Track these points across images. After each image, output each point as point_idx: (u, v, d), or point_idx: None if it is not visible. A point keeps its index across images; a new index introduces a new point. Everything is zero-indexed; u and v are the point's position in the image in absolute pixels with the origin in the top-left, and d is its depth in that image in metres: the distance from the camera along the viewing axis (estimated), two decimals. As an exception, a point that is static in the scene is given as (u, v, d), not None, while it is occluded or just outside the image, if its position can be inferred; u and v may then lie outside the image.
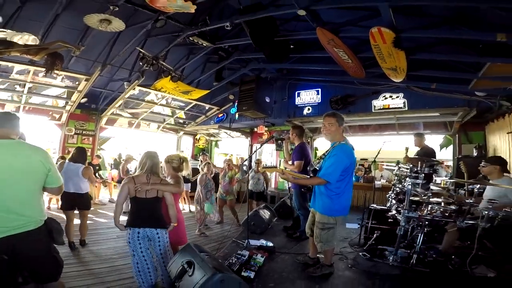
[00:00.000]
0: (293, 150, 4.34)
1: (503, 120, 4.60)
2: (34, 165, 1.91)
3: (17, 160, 1.83)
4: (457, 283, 2.66)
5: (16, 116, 1.96)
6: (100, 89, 6.87)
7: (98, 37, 4.59)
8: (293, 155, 4.17)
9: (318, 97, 6.43)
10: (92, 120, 7.89)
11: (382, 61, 3.61)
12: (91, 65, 5.54)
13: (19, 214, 1.80)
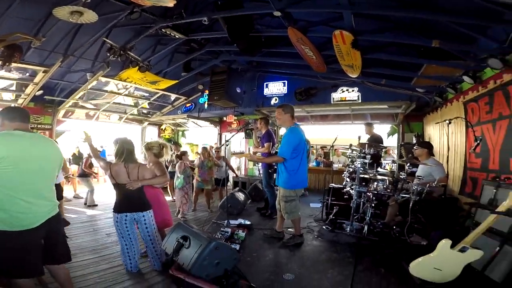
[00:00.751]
0: (260, 137, 4.85)
1: (436, 113, 5.51)
2: (56, 155, 2.10)
3: (46, 151, 2.00)
4: (398, 249, 3.17)
5: (28, 111, 2.08)
6: (57, 80, 6.39)
7: (55, 27, 4.29)
8: (262, 140, 4.69)
9: (284, 88, 6.88)
10: (48, 113, 7.38)
11: (341, 59, 4.10)
12: (47, 56, 5.15)
13: (49, 200, 1.98)
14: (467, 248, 2.20)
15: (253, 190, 6.15)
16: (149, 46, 5.61)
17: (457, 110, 4.47)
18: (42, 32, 4.24)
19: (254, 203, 5.73)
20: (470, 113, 4.14)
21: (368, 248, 3.27)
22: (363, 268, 2.76)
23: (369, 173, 3.90)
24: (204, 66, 6.45)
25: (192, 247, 2.52)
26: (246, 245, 3.42)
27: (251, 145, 8.67)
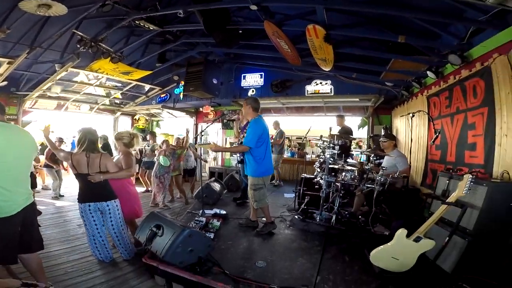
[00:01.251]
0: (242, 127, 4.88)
1: (403, 106, 5.82)
2: (32, 144, 2.16)
3: (24, 140, 2.05)
4: (363, 238, 3.34)
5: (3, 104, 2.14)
6: (23, 71, 6.15)
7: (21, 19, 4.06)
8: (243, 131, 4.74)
9: (261, 80, 6.94)
10: (13, 103, 7.07)
11: (315, 52, 4.20)
12: (12, 47, 4.89)
13: (26, 188, 2.05)
14: (421, 238, 2.33)
15: (230, 180, 6.19)
16: (122, 37, 5.41)
17: (421, 104, 4.75)
18: (7, 24, 4.01)
19: (230, 193, 5.79)
20: (432, 107, 4.40)
21: (335, 237, 3.45)
22: (330, 256, 2.91)
23: (338, 164, 4.05)
24: (180, 57, 6.33)
25: (166, 235, 2.57)
26: (220, 234, 3.48)
27: (228, 135, 8.73)
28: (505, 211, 2.32)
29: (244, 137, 3.56)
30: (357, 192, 4.10)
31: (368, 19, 3.91)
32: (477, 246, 2.39)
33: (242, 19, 4.47)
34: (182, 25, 4.83)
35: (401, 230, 2.41)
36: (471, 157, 3.31)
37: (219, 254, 2.81)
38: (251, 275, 2.47)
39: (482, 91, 3.11)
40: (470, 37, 3.21)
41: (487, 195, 2.36)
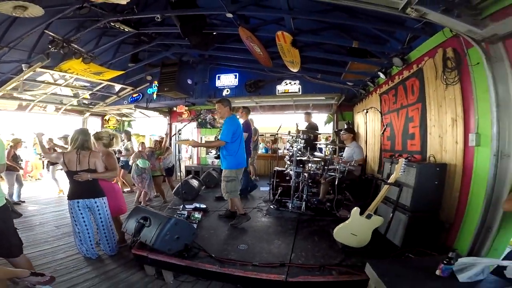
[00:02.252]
0: None
1: (362, 103, 6.49)
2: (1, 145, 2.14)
3: None
4: (330, 221, 3.79)
5: None
6: None
7: None
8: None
9: (235, 80, 7.23)
10: None
11: (284, 55, 4.62)
12: None
13: None
14: (372, 215, 2.74)
15: (207, 177, 6.46)
16: (93, 37, 5.38)
17: (375, 101, 5.37)
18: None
19: (208, 190, 6.10)
20: (383, 104, 5.00)
21: (306, 222, 3.89)
22: (301, 237, 3.32)
23: (304, 156, 4.50)
24: (154, 57, 6.41)
25: (153, 225, 2.78)
26: (203, 224, 3.78)
27: (203, 134, 8.96)
28: (431, 189, 2.83)
29: (220, 133, 3.82)
30: (322, 181, 4.61)
31: (330, 25, 4.31)
32: (416, 221, 2.80)
33: (218, 22, 4.68)
34: (158, 28, 4.94)
35: (355, 208, 2.85)
36: (411, 145, 3.91)
37: (203, 241, 3.10)
38: (234, 256, 2.78)
39: (417, 89, 3.67)
40: (409, 42, 3.73)
41: (417, 175, 2.81)
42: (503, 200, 2.13)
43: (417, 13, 2.06)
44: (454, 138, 2.90)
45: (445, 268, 1.76)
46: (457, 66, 2.77)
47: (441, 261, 1.79)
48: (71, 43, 4.65)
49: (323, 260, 2.64)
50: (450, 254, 1.78)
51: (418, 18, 2.17)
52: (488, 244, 2.28)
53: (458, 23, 2.10)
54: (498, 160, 2.25)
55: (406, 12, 2.08)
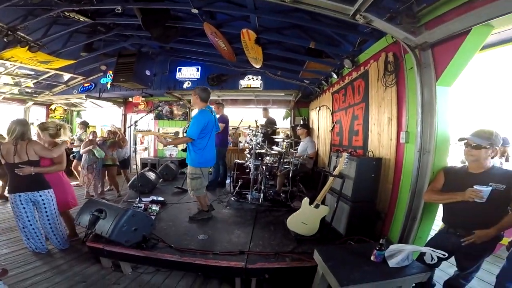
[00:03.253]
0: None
1: (317, 100, 6.92)
2: None
3: None
4: (285, 211, 4.03)
5: None
6: None
7: None
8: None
9: (198, 73, 7.16)
10: None
11: (247, 52, 4.74)
12: None
13: None
14: (319, 205, 2.99)
15: (165, 170, 6.35)
16: (43, 26, 4.88)
17: (328, 99, 5.77)
18: None
19: (166, 183, 6.02)
20: (335, 102, 5.39)
21: (263, 212, 4.09)
22: (259, 227, 3.47)
23: (264, 149, 4.70)
24: (110, 47, 6.06)
25: (109, 217, 2.75)
26: (161, 217, 3.78)
27: (161, 126, 8.73)
28: (369, 181, 3.18)
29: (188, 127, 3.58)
30: (278, 173, 4.87)
31: (292, 25, 4.44)
32: (356, 210, 3.07)
33: (183, 15, 4.56)
34: (117, 19, 4.67)
35: (305, 198, 3.10)
36: (355, 141, 4.32)
37: (162, 233, 3.12)
38: (195, 246, 2.85)
39: (363, 89, 4.04)
40: (360, 45, 4.02)
41: (357, 167, 3.09)
42: (424, 192, 2.50)
43: (364, 19, 2.34)
44: (389, 135, 3.30)
45: (378, 254, 2.03)
46: (395, 70, 3.14)
47: (374, 247, 2.06)
48: (17, 31, 4.25)
49: (278, 248, 2.84)
50: (381, 241, 2.05)
51: (365, 24, 2.45)
52: (414, 232, 2.67)
53: (397, 31, 2.43)
54: (421, 156, 2.65)
55: (355, 18, 2.35)
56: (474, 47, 2.23)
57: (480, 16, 1.93)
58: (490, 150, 2.09)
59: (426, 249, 2.02)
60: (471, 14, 2.00)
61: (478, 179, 2.06)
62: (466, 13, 2.03)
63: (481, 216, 2.00)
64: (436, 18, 2.40)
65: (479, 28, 2.08)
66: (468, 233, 2.03)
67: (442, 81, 2.51)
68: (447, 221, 2.25)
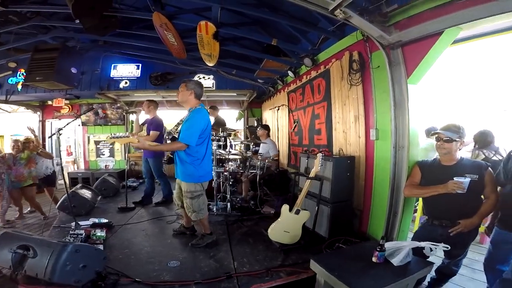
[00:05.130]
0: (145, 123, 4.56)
1: (270, 100, 6.87)
2: None
3: None
4: (257, 220, 3.79)
5: None
6: None
7: None
8: (148, 127, 4.38)
9: (138, 71, 6.38)
10: None
11: (202, 48, 4.29)
12: None
13: None
14: (300, 210, 2.85)
15: (102, 185, 5.38)
16: None
17: (283, 99, 5.76)
18: None
19: (106, 200, 5.08)
20: (291, 101, 5.40)
21: (235, 223, 3.70)
22: (236, 242, 3.11)
23: (223, 154, 4.37)
24: (24, 41, 4.85)
25: (42, 256, 2.13)
26: (111, 244, 3.10)
27: (90, 133, 7.54)
28: (345, 180, 3.16)
29: (179, 132, 2.85)
30: (243, 179, 4.60)
31: (252, 20, 4.23)
32: (336, 211, 3.03)
33: (125, 7, 3.90)
34: (37, 6, 3.73)
35: (284, 206, 2.93)
36: (318, 140, 4.35)
37: (120, 265, 2.55)
38: (169, 276, 2.37)
39: (324, 88, 4.07)
40: (319, 44, 4.03)
41: (333, 168, 3.02)
42: (404, 187, 2.55)
43: (344, 15, 2.24)
44: (357, 133, 3.35)
45: (380, 255, 1.96)
46: (361, 69, 3.18)
47: (375, 249, 1.98)
48: None
49: (267, 263, 2.57)
50: (381, 242, 1.98)
51: (343, 19, 2.35)
52: (396, 227, 2.72)
53: (373, 28, 2.41)
54: (396, 152, 2.72)
55: (334, 13, 2.24)
56: (444, 46, 2.35)
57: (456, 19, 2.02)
58: (459, 143, 2.21)
59: (424, 243, 2.02)
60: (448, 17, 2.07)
61: (453, 171, 2.15)
62: (444, 16, 2.10)
63: (462, 206, 2.10)
64: (406, 19, 2.47)
65: (450, 29, 2.18)
66: (453, 223, 2.12)
67: (412, 79, 2.60)
68: (430, 214, 2.31)
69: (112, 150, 7.76)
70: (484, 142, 3.44)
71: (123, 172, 6.01)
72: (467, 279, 2.44)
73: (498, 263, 2.10)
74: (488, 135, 3.44)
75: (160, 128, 4.42)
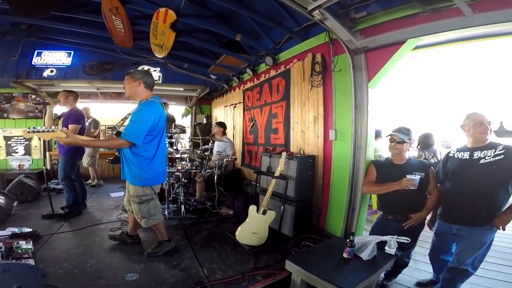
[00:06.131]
0: (61, 116, 3.77)
1: (223, 98, 6.67)
2: None
3: None
4: (216, 222, 3.64)
5: None
6: None
7: None
8: (64, 120, 3.61)
9: (68, 59, 5.48)
10: None
11: (154, 37, 3.89)
12: None
13: None
14: (266, 211, 2.81)
15: (18, 188, 4.48)
16: None
17: (238, 96, 5.66)
18: None
19: (25, 205, 4.20)
20: (247, 99, 5.33)
21: (192, 227, 3.45)
22: (199, 247, 2.88)
23: (176, 153, 4.07)
24: None
25: None
26: (44, 257, 2.56)
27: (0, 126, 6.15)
28: (308, 179, 3.25)
29: (125, 126, 2.40)
30: (197, 179, 4.33)
31: (214, 14, 3.94)
32: (300, 210, 3.09)
33: None
34: None
35: (251, 206, 2.86)
36: (275, 139, 4.40)
37: (64, 282, 2.12)
38: None
39: (283, 88, 4.12)
40: (282, 43, 3.99)
41: (297, 167, 3.06)
42: (362, 185, 2.72)
43: (321, 16, 2.27)
44: (316, 133, 3.48)
45: (351, 250, 2.05)
46: (323, 71, 3.30)
47: (345, 245, 2.06)
48: None
49: (240, 268, 2.43)
50: (351, 238, 2.07)
51: (318, 20, 2.38)
52: (355, 223, 2.88)
53: (344, 32, 2.51)
54: (355, 151, 2.91)
55: (312, 13, 2.25)
56: (403, 54, 2.58)
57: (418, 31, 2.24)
58: (408, 144, 2.47)
59: (387, 237, 2.18)
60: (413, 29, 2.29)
61: (404, 169, 2.37)
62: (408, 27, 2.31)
63: (412, 201, 2.33)
64: (372, 27, 2.64)
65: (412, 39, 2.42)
66: (406, 217, 2.33)
67: (372, 83, 2.80)
68: (384, 209, 2.49)
69: (28, 147, 6.47)
70: (427, 144, 3.92)
71: (42, 173, 5.05)
72: (413, 269, 2.69)
73: (442, 253, 2.38)
74: (430, 138, 3.94)
75: (79, 121, 3.65)
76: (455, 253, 2.16)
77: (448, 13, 2.06)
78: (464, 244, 2.08)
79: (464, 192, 2.10)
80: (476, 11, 1.86)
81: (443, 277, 2.19)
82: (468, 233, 2.06)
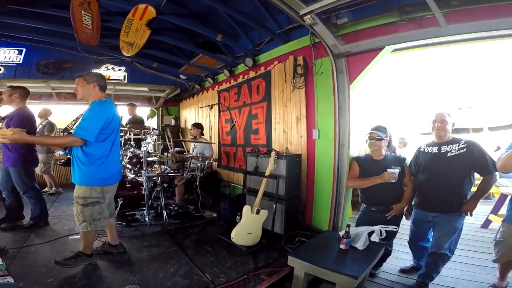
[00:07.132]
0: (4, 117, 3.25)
1: (193, 99, 6.48)
2: None
3: None
4: (202, 225, 3.58)
5: None
6: None
7: None
8: (8, 121, 3.15)
9: (19, 57, 4.85)
10: None
11: (125, 35, 3.63)
12: None
13: None
14: (260, 210, 2.87)
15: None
16: None
17: (212, 97, 5.57)
18: None
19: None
20: (223, 100, 5.26)
21: (178, 232, 3.34)
22: (193, 252, 2.81)
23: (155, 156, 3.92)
24: None
25: None
26: (21, 274, 2.24)
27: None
28: (296, 177, 3.37)
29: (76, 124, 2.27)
30: (177, 182, 4.18)
31: (192, 13, 3.81)
32: (289, 207, 3.20)
33: None
34: None
35: (245, 207, 2.90)
36: (256, 139, 4.44)
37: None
38: None
39: (263, 89, 4.19)
40: (262, 45, 4.04)
41: (287, 166, 3.16)
42: (346, 180, 2.90)
43: (311, 21, 2.37)
44: (299, 133, 3.63)
45: (347, 241, 2.20)
46: (305, 73, 3.45)
47: (342, 236, 2.21)
48: None
49: (242, 269, 2.43)
50: (347, 229, 2.22)
51: (308, 25, 2.48)
52: (341, 216, 3.07)
53: (331, 37, 2.65)
54: (339, 149, 3.09)
55: (304, 18, 2.34)
56: (382, 58, 2.82)
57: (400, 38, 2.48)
58: (385, 141, 2.73)
59: (377, 227, 2.38)
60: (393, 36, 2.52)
61: (383, 164, 2.60)
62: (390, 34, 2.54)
63: (393, 193, 2.57)
64: (354, 33, 2.84)
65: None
66: (388, 208, 2.56)
67: (353, 85, 3.02)
68: (368, 202, 2.68)
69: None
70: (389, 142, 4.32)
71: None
72: (393, 258, 2.88)
73: (420, 240, 2.65)
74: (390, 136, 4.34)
75: (25, 123, 3.11)
76: (433, 239, 2.42)
77: (424, 22, 2.32)
78: (441, 230, 2.34)
79: (436, 183, 2.36)
80: (450, 22, 2.13)
81: (426, 262, 2.44)
82: (443, 219, 2.32)
